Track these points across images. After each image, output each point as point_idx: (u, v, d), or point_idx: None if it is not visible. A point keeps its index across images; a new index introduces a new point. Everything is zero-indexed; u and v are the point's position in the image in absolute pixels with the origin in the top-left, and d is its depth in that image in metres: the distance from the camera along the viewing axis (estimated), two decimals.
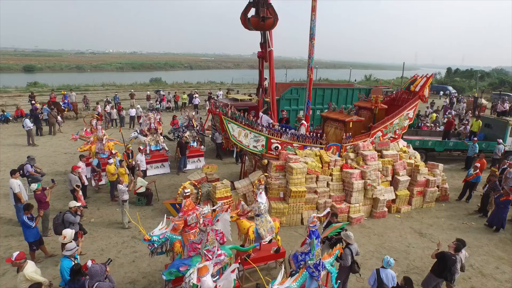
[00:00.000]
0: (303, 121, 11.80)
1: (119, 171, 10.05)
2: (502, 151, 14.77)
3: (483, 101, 33.09)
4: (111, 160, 10.36)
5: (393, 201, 10.83)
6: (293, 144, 10.23)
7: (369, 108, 12.38)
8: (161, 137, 13.27)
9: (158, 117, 13.52)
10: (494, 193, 10.56)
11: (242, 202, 6.76)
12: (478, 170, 11.66)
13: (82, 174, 9.97)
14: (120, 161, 10.60)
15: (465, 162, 15.48)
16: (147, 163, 12.52)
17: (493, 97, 41.23)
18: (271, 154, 10.03)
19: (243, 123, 9.69)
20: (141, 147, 11.79)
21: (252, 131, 9.70)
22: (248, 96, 18.89)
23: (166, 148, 13.30)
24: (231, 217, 6.17)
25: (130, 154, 11.88)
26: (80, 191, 9.07)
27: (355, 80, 71.05)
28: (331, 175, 10.27)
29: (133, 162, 11.88)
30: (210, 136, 17.14)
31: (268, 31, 10.60)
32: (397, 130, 12.56)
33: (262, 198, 6.75)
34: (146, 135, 12.88)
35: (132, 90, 27.86)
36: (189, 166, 13.93)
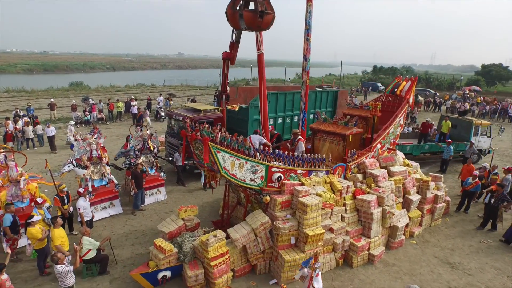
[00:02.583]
0: (300, 137, 9.69)
1: (53, 234, 6.66)
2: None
3: (420, 97, 35.15)
4: (36, 218, 6.90)
5: (406, 225, 9.37)
6: (297, 171, 8.02)
7: (363, 117, 10.81)
8: (107, 167, 9.85)
9: (101, 140, 10.00)
10: (505, 204, 9.82)
11: None
12: (477, 179, 10.91)
13: None
14: (52, 218, 7.06)
15: (441, 165, 15.08)
16: (91, 204, 9.10)
17: (416, 93, 44.61)
18: (272, 187, 7.68)
19: (237, 149, 7.16)
20: (81, 190, 8.30)
21: (249, 160, 7.22)
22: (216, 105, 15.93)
23: (115, 181, 9.94)
24: None
25: (65, 198, 8.35)
26: None
27: (289, 79, 72.04)
28: (344, 205, 8.33)
29: (70, 209, 8.42)
30: (165, 155, 13.99)
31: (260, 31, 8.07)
32: (392, 140, 11.26)
33: (319, 283, 4.40)
34: (86, 167, 9.38)
35: (52, 100, 22.61)
36: (147, 201, 10.76)
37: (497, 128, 17.95)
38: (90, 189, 9.23)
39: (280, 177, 7.63)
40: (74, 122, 18.45)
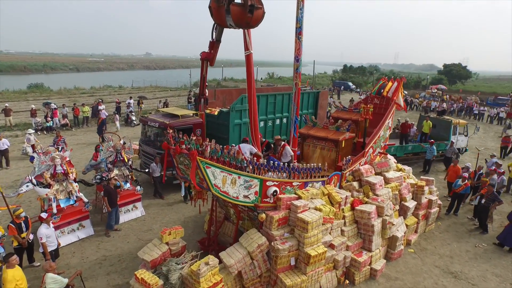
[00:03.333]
0: (284, 143, 8.98)
1: (5, 277, 5.47)
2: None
3: None
4: None
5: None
6: (293, 183, 7.31)
7: (354, 121, 10.33)
8: (75, 184, 8.61)
9: (67, 153, 8.70)
10: (495, 204, 9.73)
11: None
12: (467, 181, 10.78)
13: None
14: (6, 256, 5.79)
15: (423, 165, 15.04)
16: (55, 228, 7.88)
17: None
18: (267, 203, 6.92)
19: (228, 162, 6.33)
20: (43, 214, 7.05)
21: (242, 175, 6.41)
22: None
23: (85, 199, 8.73)
24: None
25: (23, 225, 7.08)
26: None
27: (261, 79, 71.64)
28: (343, 217, 7.74)
29: (30, 238, 7.18)
30: (140, 165, 12.80)
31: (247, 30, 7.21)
32: (383, 144, 10.89)
33: None
34: (48, 186, 8.11)
35: (7, 105, 20.44)
36: (123, 218, 9.62)
37: (473, 127, 18.35)
38: (55, 211, 8.01)
39: (275, 191, 6.89)
40: (33, 130, 16.63)
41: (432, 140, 14.75)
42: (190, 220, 10.04)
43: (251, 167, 6.63)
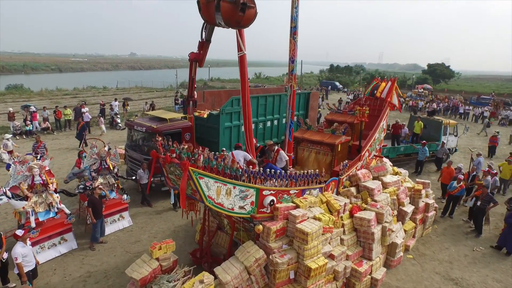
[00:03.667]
0: (278, 148, 8.60)
1: None
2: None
3: None
4: None
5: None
6: (290, 191, 6.94)
7: (349, 123, 10.04)
8: (55, 195, 8.01)
9: (46, 162, 8.05)
10: (491, 206, 9.65)
11: None
12: (462, 183, 10.67)
13: None
14: None
15: (416, 167, 14.95)
16: (34, 243, 7.30)
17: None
18: (264, 213, 6.53)
19: (222, 171, 5.91)
20: (19, 232, 6.40)
21: (237, 184, 6.00)
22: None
23: (67, 211, 8.14)
24: None
25: None
26: None
27: (249, 79, 71.30)
28: (342, 226, 7.43)
29: (4, 257, 6.58)
30: (126, 171, 12.22)
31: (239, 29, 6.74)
32: (378, 146, 10.67)
33: None
34: (26, 198, 7.49)
35: None
36: (109, 229, 9.06)
37: (462, 127, 18.46)
38: (33, 225, 7.40)
39: (272, 200, 6.51)
40: (11, 135, 15.74)
41: (424, 141, 14.67)
42: (181, 229, 9.56)
43: (246, 175, 6.22)
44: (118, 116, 21.92)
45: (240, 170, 6.05)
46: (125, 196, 9.41)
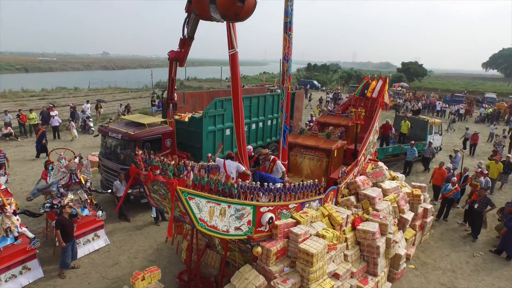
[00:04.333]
0: (274, 157, 7.86)
1: None
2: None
3: None
4: None
5: None
6: (289, 206, 6.24)
7: (343, 126, 9.49)
8: (15, 217, 6.88)
9: (2, 180, 6.88)
10: (489, 209, 9.39)
11: None
12: (457, 186, 10.38)
13: None
14: None
15: (404, 167, 14.69)
16: None
17: (351, 90, 46.46)
18: (261, 232, 5.79)
19: (215, 189, 5.10)
20: None
21: (233, 203, 5.22)
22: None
23: (30, 235, 7.03)
24: None
25: None
26: None
27: (226, 79, 70.08)
28: (345, 240, 6.81)
29: None
30: (101, 182, 11.10)
31: (232, 24, 5.87)
32: (372, 149, 10.18)
33: None
34: None
35: None
36: (82, 252, 8.00)
37: (446, 126, 18.50)
38: None
39: (271, 218, 5.78)
40: None
41: (413, 142, 14.43)
42: (164, 246, 8.62)
43: (242, 191, 5.45)
44: (90, 119, 20.42)
45: (236, 186, 5.27)
46: (100, 213, 8.37)
